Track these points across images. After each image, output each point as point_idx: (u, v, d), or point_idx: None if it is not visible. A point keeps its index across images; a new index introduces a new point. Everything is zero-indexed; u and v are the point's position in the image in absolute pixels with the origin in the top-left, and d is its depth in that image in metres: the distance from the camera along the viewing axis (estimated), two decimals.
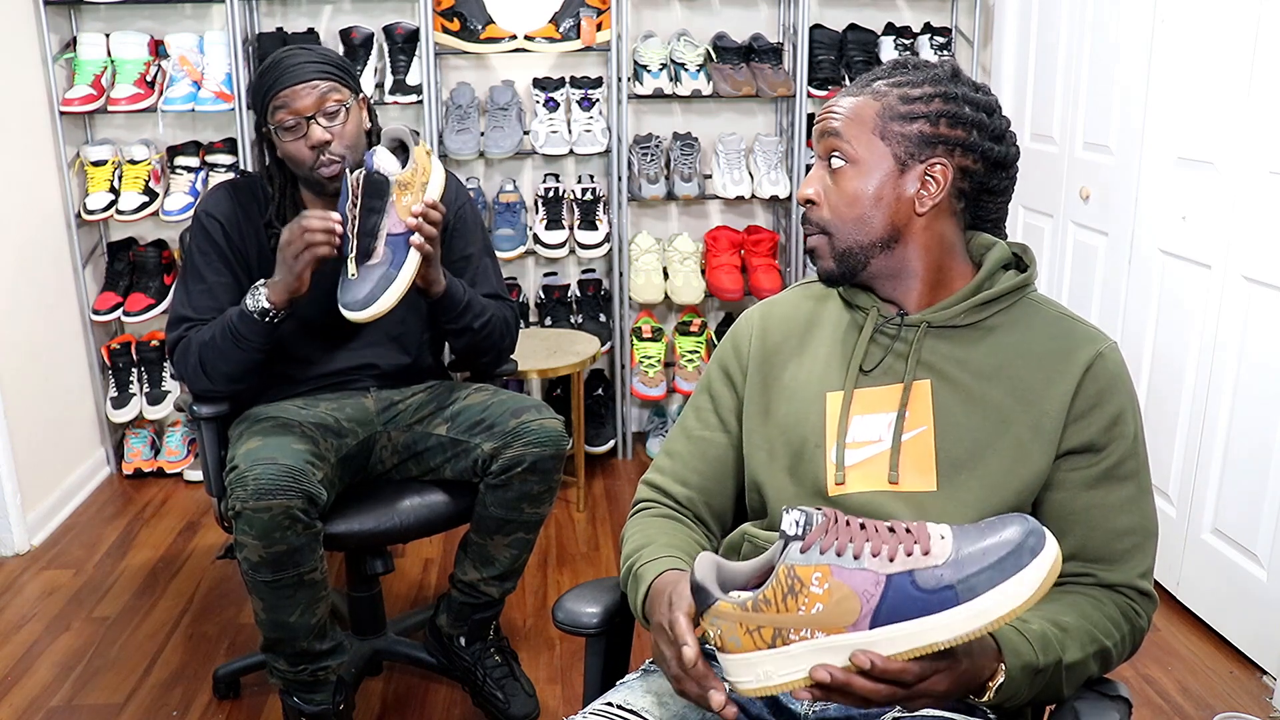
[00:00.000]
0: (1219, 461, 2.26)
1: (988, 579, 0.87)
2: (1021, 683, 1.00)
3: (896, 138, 1.14)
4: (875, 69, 1.22)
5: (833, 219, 1.16)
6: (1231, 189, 2.18)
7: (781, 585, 0.90)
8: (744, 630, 0.92)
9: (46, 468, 2.96)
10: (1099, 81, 2.67)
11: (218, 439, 1.96)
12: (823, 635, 0.90)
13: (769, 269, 3.31)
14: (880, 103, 1.15)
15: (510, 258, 3.18)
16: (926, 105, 1.15)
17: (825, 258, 1.18)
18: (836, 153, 1.15)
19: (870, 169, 1.14)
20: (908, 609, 0.88)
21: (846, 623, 0.89)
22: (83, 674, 2.24)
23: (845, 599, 0.89)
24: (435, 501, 1.95)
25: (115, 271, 3.21)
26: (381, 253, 1.74)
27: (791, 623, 0.90)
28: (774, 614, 0.91)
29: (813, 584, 0.90)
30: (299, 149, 1.84)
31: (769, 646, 0.91)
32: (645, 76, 3.20)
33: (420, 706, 2.15)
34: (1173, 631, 2.36)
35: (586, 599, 1.26)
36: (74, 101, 3.00)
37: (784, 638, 0.91)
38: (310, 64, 1.84)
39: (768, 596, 0.91)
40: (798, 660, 0.91)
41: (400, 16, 3.22)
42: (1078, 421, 1.11)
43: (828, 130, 1.16)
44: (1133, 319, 2.54)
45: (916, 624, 0.88)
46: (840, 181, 1.15)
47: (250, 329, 1.80)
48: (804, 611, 0.90)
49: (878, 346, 1.18)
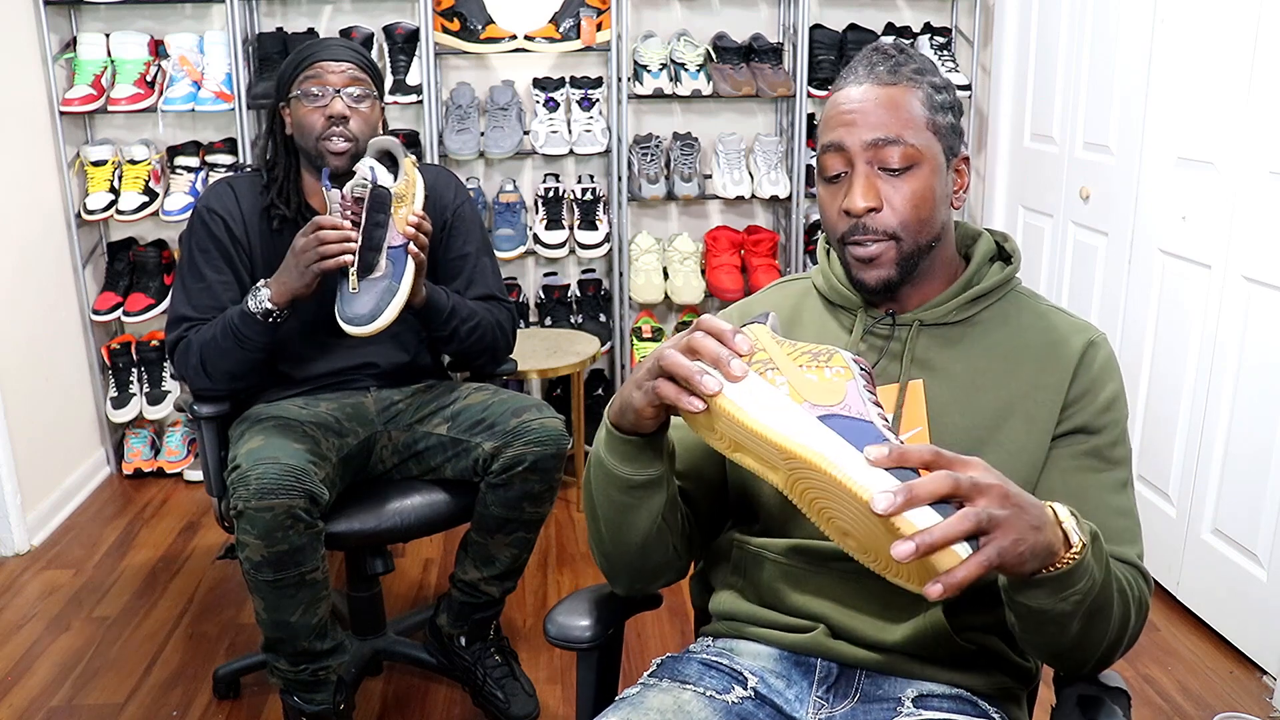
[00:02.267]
0: (1219, 461, 2.26)
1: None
2: (1094, 554, 0.93)
3: (942, 130, 1.12)
4: (867, 55, 1.13)
5: (900, 223, 1.10)
6: (1231, 189, 2.18)
7: (816, 349, 0.96)
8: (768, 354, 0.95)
9: (46, 468, 2.96)
10: (1099, 81, 2.67)
11: (218, 439, 1.96)
12: (788, 393, 0.92)
13: (769, 269, 3.31)
14: (921, 92, 1.11)
15: (510, 258, 3.19)
16: (950, 95, 1.13)
17: (887, 265, 1.12)
18: (892, 153, 1.08)
19: (932, 166, 1.11)
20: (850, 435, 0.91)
21: (826, 400, 0.92)
22: (83, 674, 2.24)
23: (836, 389, 0.92)
24: (436, 501, 1.95)
25: (115, 271, 3.21)
26: (384, 266, 1.75)
27: (792, 364, 0.94)
28: (789, 354, 0.95)
29: (830, 373, 0.94)
30: (315, 117, 1.86)
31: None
32: (645, 76, 3.20)
33: (420, 706, 2.15)
34: (1173, 631, 2.36)
35: (579, 611, 1.23)
36: (74, 101, 3.00)
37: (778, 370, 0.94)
38: (350, 50, 1.91)
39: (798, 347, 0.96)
40: (772, 395, 0.93)
41: (400, 16, 3.22)
42: (1071, 406, 1.12)
43: (886, 134, 1.08)
44: (1133, 319, 2.54)
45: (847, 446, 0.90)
46: (907, 182, 1.10)
47: (252, 329, 1.81)
48: (804, 368, 0.94)
49: (869, 347, 1.17)
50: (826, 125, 1.13)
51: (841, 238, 1.13)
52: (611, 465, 1.09)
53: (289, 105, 1.90)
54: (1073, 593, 0.92)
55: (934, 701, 1.10)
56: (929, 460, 0.86)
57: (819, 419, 0.90)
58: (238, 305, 1.83)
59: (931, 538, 0.81)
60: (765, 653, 1.17)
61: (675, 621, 2.41)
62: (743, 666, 1.16)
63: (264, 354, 1.86)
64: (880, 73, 1.11)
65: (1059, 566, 0.90)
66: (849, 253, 1.14)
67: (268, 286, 1.80)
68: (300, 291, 1.78)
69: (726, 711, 1.10)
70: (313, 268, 1.75)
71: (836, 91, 1.14)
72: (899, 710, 1.10)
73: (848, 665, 1.14)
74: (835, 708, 1.12)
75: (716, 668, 1.16)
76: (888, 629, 1.12)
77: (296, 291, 1.78)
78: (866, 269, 1.13)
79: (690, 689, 1.12)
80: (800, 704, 1.13)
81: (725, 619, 1.22)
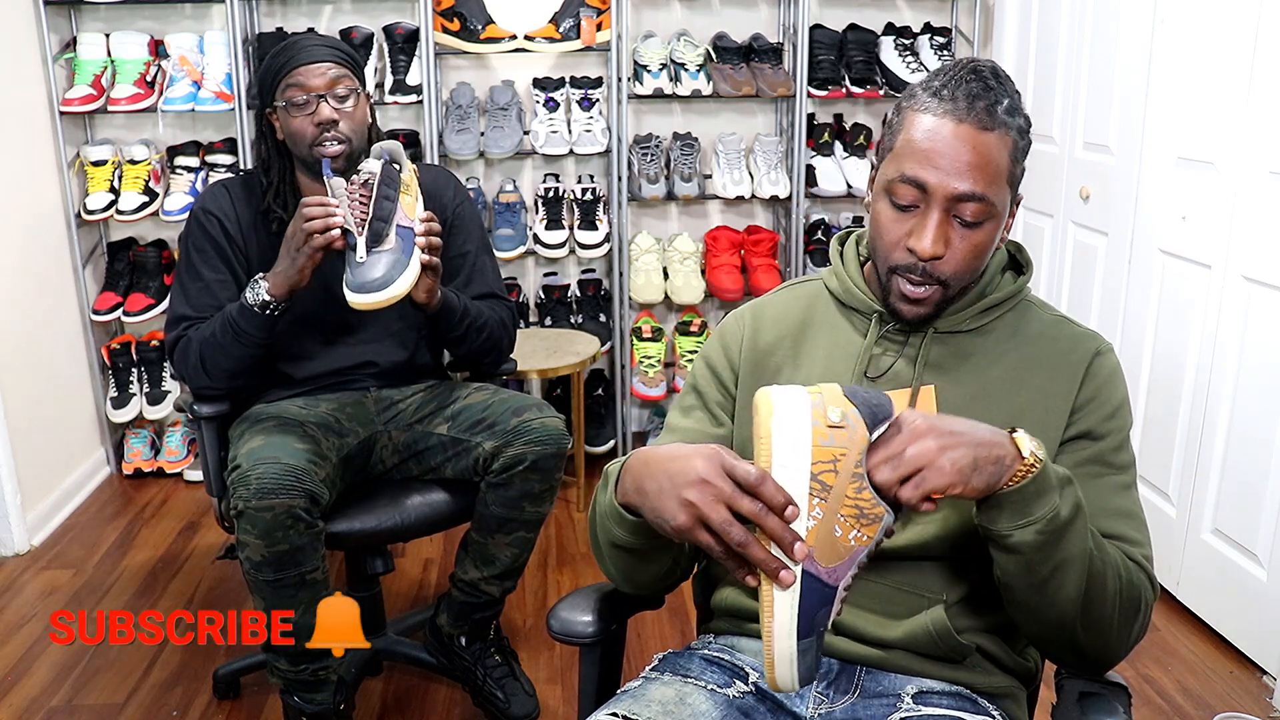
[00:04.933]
0: (1219, 461, 2.26)
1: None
2: (1052, 478, 0.96)
3: (1016, 181, 1.11)
4: (967, 83, 1.06)
5: (954, 272, 1.10)
6: (1231, 189, 2.18)
7: (871, 510, 0.91)
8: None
9: (46, 468, 2.96)
10: (1099, 81, 2.67)
11: (218, 439, 1.96)
12: (810, 527, 0.90)
13: (769, 269, 3.31)
14: (1011, 139, 1.08)
15: (510, 258, 3.18)
16: (1028, 136, 1.11)
17: (929, 305, 1.12)
18: (970, 208, 1.07)
19: (999, 219, 1.10)
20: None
21: (825, 560, 0.90)
22: (83, 674, 2.24)
23: (843, 553, 0.91)
24: (436, 500, 1.95)
25: (115, 271, 3.21)
26: (393, 240, 1.73)
27: (837, 508, 0.91)
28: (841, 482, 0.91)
29: (854, 536, 0.91)
30: (303, 125, 1.85)
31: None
32: (645, 76, 3.20)
33: (420, 706, 2.15)
34: (1173, 631, 2.36)
35: (581, 607, 1.24)
36: (74, 101, 3.00)
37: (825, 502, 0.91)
38: (325, 48, 1.88)
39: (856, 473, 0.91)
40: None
41: (400, 16, 3.22)
42: (1078, 412, 1.13)
43: (972, 190, 1.05)
44: (1133, 319, 2.54)
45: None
46: (975, 234, 1.09)
47: (250, 322, 1.80)
48: (842, 519, 0.91)
49: (883, 351, 1.18)
50: (910, 152, 1.08)
51: (894, 268, 1.12)
52: (615, 535, 1.08)
53: (275, 112, 1.89)
54: (1034, 520, 0.96)
55: (934, 698, 1.11)
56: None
57: (803, 570, 0.89)
58: (236, 302, 1.83)
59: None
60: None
61: (676, 621, 2.41)
62: (744, 662, 1.17)
63: (262, 349, 1.86)
64: (980, 112, 1.05)
65: (1015, 483, 0.95)
66: (896, 283, 1.13)
67: (265, 279, 1.80)
68: (296, 280, 1.77)
69: (727, 705, 1.11)
70: (304, 249, 1.74)
71: (924, 112, 1.07)
72: (899, 706, 1.10)
73: (848, 661, 1.14)
74: (835, 703, 1.13)
75: (718, 663, 1.16)
76: (889, 626, 1.12)
77: (292, 280, 1.77)
78: (908, 305, 1.13)
79: (692, 683, 1.13)
80: (801, 699, 1.13)
81: (727, 615, 1.22)
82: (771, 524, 0.89)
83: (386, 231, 1.73)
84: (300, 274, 1.77)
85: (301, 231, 1.74)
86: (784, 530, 0.89)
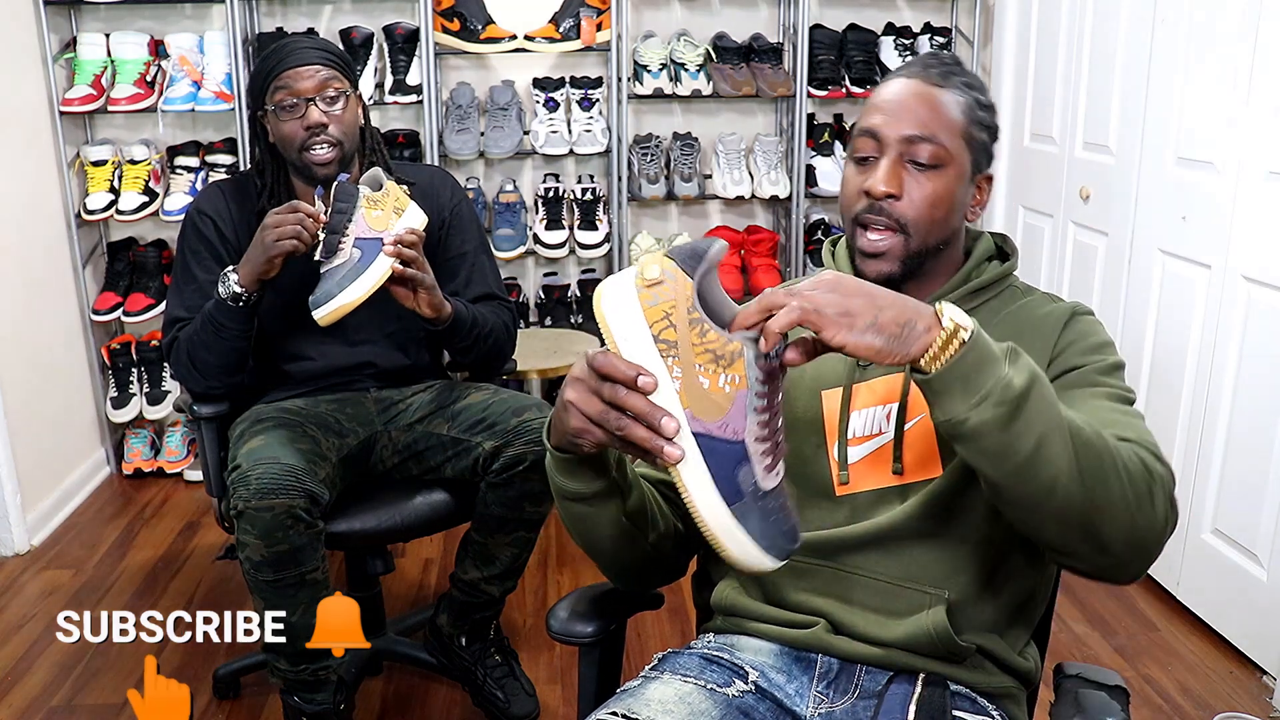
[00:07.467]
0: (1219, 461, 2.26)
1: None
2: (994, 350, 0.91)
3: (975, 143, 1.14)
4: (923, 57, 1.18)
5: (915, 218, 1.13)
6: (1231, 189, 2.18)
7: (723, 349, 0.88)
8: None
9: (46, 468, 2.96)
10: (1099, 81, 2.67)
11: (218, 439, 1.96)
12: (678, 389, 0.89)
13: (769, 269, 3.31)
14: (966, 100, 1.14)
15: (510, 258, 3.19)
16: (992, 117, 1.15)
17: (891, 260, 1.14)
18: (923, 150, 1.11)
19: (958, 172, 1.14)
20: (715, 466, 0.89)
21: (706, 416, 0.88)
22: (83, 674, 2.24)
23: (720, 404, 0.88)
24: (436, 500, 1.95)
25: (115, 271, 3.21)
26: (347, 254, 1.73)
27: (692, 359, 0.88)
28: (694, 345, 0.88)
29: (724, 381, 0.88)
30: (293, 129, 1.84)
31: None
32: (645, 76, 3.20)
33: (420, 706, 2.15)
34: (1173, 631, 2.36)
35: (581, 608, 1.24)
36: (74, 101, 3.00)
37: (677, 359, 0.89)
38: (314, 50, 1.87)
39: (711, 337, 0.88)
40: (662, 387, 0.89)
41: (400, 16, 3.22)
42: (1058, 359, 1.13)
43: (922, 131, 1.11)
44: (1133, 319, 2.54)
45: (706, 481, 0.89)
46: (930, 180, 1.13)
47: (226, 315, 1.81)
48: (701, 369, 0.88)
49: None
50: (868, 110, 1.16)
51: (855, 217, 1.15)
52: (559, 483, 1.09)
53: (267, 116, 1.89)
54: (984, 393, 0.89)
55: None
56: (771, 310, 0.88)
57: (693, 434, 0.88)
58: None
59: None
60: (766, 648, 1.17)
61: (676, 621, 2.41)
62: (743, 661, 1.16)
63: (245, 341, 1.85)
64: (933, 73, 1.14)
65: (950, 360, 0.89)
66: (858, 238, 1.15)
67: (236, 271, 1.80)
68: (263, 270, 1.77)
69: (727, 704, 1.11)
70: (273, 246, 1.74)
71: (887, 82, 1.17)
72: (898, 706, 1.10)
73: (848, 661, 1.14)
74: (835, 703, 1.12)
75: (717, 662, 1.16)
76: (888, 625, 1.12)
77: (259, 271, 1.77)
78: (870, 261, 1.15)
79: (691, 682, 1.13)
80: (800, 698, 1.13)
81: (726, 614, 1.22)
82: (633, 402, 0.88)
83: (337, 246, 1.73)
84: (268, 265, 1.76)
85: (274, 232, 1.74)
86: (646, 406, 0.88)
